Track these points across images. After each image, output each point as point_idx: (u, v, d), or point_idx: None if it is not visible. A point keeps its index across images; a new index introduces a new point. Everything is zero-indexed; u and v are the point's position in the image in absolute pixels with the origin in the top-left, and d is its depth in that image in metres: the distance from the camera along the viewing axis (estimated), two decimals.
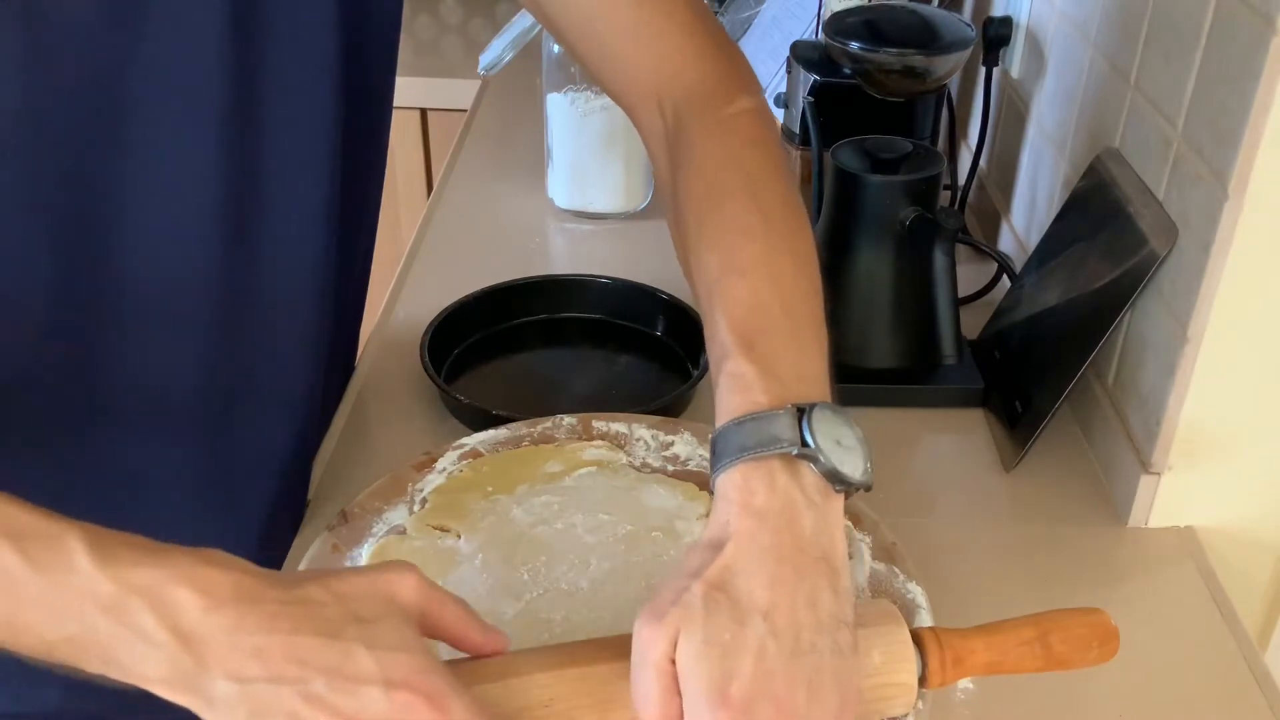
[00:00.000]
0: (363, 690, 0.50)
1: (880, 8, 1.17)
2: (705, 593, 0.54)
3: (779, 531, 0.55)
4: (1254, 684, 0.73)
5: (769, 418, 0.57)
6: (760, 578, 0.54)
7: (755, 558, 0.54)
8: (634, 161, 1.24)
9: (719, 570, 0.54)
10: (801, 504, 0.56)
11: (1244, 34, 0.71)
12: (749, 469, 0.56)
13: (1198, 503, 0.84)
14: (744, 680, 0.52)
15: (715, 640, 0.53)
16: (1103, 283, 0.87)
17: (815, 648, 0.54)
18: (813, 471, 0.57)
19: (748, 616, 0.53)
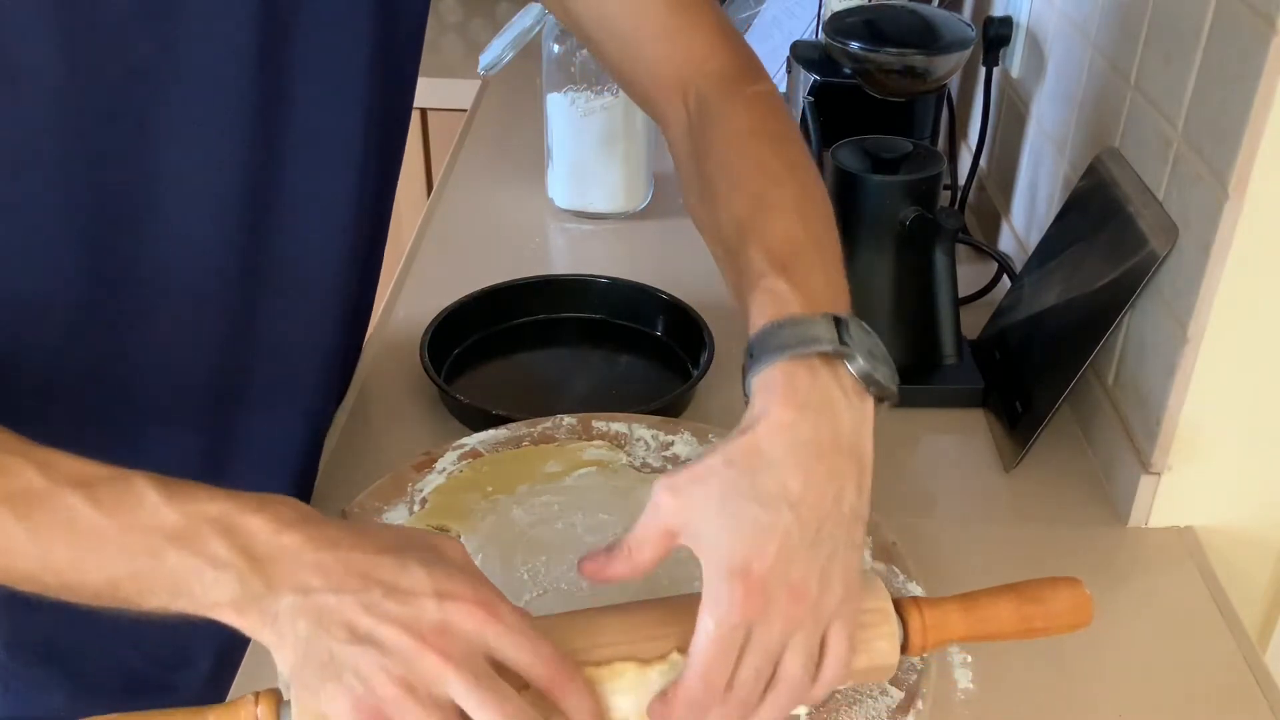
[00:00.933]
0: (417, 600, 0.53)
1: (880, 8, 1.17)
2: (726, 470, 0.55)
3: (819, 426, 0.57)
4: (1254, 684, 0.73)
5: (808, 321, 0.59)
6: (795, 470, 0.55)
7: (792, 449, 0.56)
8: (634, 161, 1.24)
9: (747, 453, 0.56)
10: (841, 401, 0.58)
11: (1244, 34, 0.71)
12: (791, 365, 0.57)
13: (1198, 503, 0.84)
14: (765, 561, 0.54)
15: (737, 517, 0.54)
16: (1103, 283, 0.87)
17: (833, 539, 0.56)
18: (849, 372, 0.58)
19: (776, 503, 0.55)
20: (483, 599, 0.54)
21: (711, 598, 0.54)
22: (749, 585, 0.54)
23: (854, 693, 0.65)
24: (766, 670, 0.56)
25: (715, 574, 0.54)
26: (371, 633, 0.52)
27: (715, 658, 0.54)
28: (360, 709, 0.52)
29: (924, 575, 0.74)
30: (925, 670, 0.67)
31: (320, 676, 0.52)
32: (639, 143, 1.24)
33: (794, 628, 0.55)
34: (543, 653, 0.54)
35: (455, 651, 0.52)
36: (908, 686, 0.66)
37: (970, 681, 0.72)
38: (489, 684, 0.52)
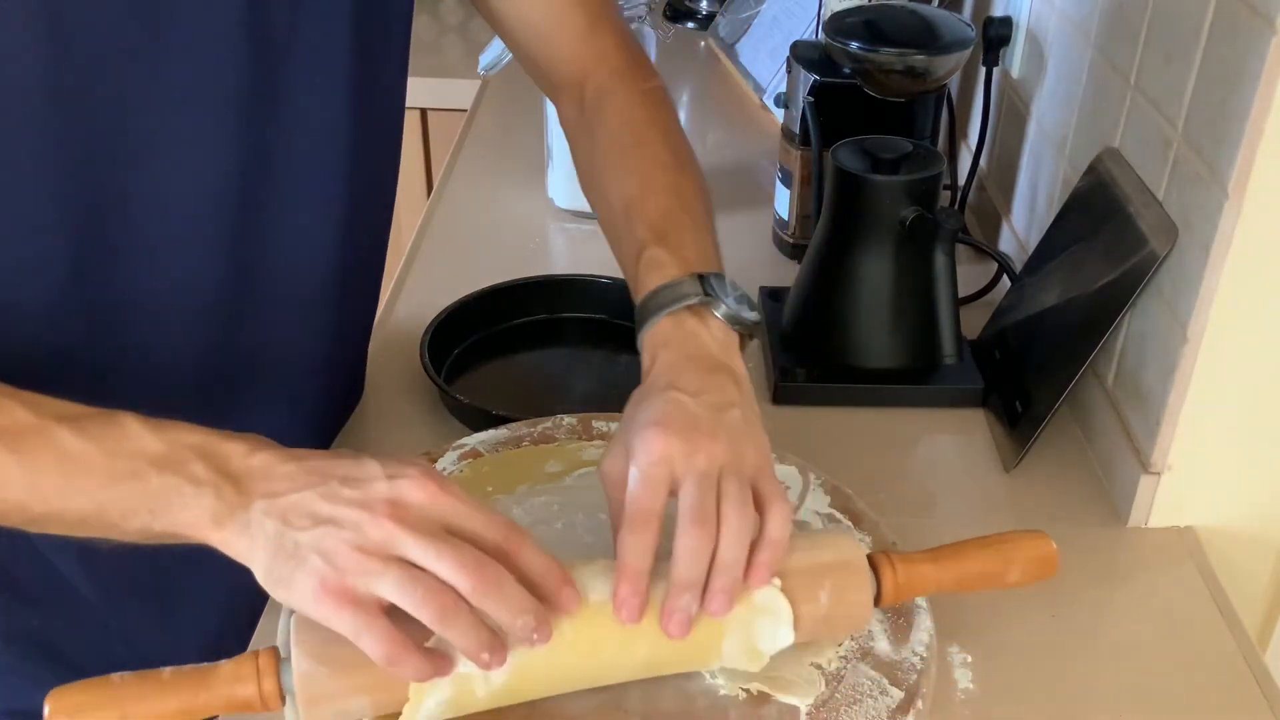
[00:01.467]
0: (370, 483, 0.58)
1: (880, 8, 1.17)
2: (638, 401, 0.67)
3: (693, 354, 0.69)
4: (1254, 684, 0.73)
5: (678, 283, 0.71)
6: (683, 376, 0.67)
7: (674, 371, 0.68)
8: None
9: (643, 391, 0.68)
10: (705, 335, 0.70)
11: (1244, 34, 0.71)
12: (667, 320, 0.70)
13: (1198, 503, 0.84)
14: (673, 418, 0.64)
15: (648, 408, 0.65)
16: (1103, 283, 0.87)
17: (732, 417, 0.66)
18: (715, 316, 0.71)
19: (673, 395, 0.66)
20: (429, 473, 0.59)
21: (634, 451, 0.63)
22: (663, 429, 0.63)
23: (854, 692, 0.66)
24: (710, 498, 0.62)
25: (636, 435, 0.64)
26: (330, 515, 0.57)
27: (643, 493, 0.62)
28: (325, 585, 0.56)
29: None
30: (925, 670, 0.67)
31: (289, 567, 0.57)
32: None
33: (714, 463, 0.63)
34: (493, 520, 0.59)
35: (408, 518, 0.57)
36: (908, 686, 0.66)
37: (970, 681, 0.72)
38: (442, 540, 0.57)
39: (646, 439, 0.63)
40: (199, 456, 0.59)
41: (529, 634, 0.58)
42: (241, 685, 0.58)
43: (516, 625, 0.58)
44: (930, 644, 0.69)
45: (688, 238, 0.74)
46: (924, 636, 0.69)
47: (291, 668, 0.58)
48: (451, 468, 0.81)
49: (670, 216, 0.76)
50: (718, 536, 0.61)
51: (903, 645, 0.69)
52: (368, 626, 0.56)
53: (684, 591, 0.60)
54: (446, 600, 0.56)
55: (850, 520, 0.78)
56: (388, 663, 0.56)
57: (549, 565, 0.60)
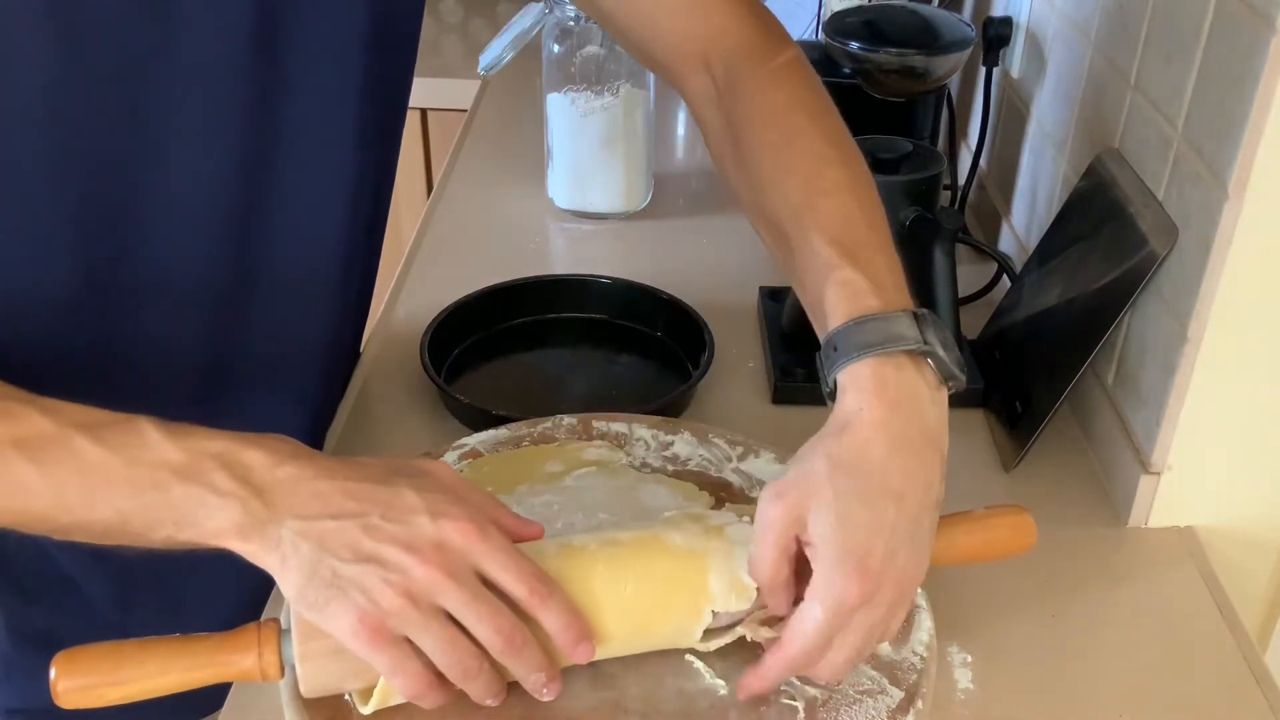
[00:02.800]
0: (413, 519, 0.58)
1: (880, 8, 1.17)
2: (832, 473, 0.60)
3: (909, 422, 0.61)
4: (1254, 684, 0.73)
5: (889, 318, 0.62)
6: (895, 465, 0.60)
7: (889, 446, 0.60)
8: (634, 161, 1.24)
9: (849, 452, 0.60)
10: (925, 396, 0.62)
11: (1244, 34, 0.71)
12: (878, 363, 0.61)
13: (1198, 503, 0.84)
14: (877, 555, 0.59)
15: (850, 517, 0.59)
16: (1103, 283, 0.87)
17: (921, 530, 0.61)
18: (930, 368, 0.63)
19: (881, 499, 0.59)
20: (473, 517, 0.59)
21: (824, 584, 0.59)
22: (863, 576, 0.59)
23: (854, 692, 0.65)
24: (864, 650, 0.61)
25: (830, 563, 0.59)
26: (374, 552, 0.57)
27: (818, 641, 0.60)
28: (365, 621, 0.56)
29: None
30: (925, 670, 0.67)
31: (325, 595, 0.57)
32: (639, 143, 1.24)
33: (894, 610, 0.61)
34: (525, 571, 0.59)
35: (450, 566, 0.57)
36: (908, 686, 0.66)
37: (970, 681, 0.72)
38: (483, 596, 0.58)
39: (843, 581, 0.58)
40: (221, 466, 0.58)
41: (540, 689, 0.61)
42: (242, 655, 0.60)
43: (529, 680, 0.61)
44: (930, 644, 0.69)
45: (879, 259, 0.66)
46: (924, 636, 0.69)
47: (292, 640, 0.60)
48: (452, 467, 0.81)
49: (852, 227, 0.67)
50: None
51: (903, 645, 0.69)
52: (403, 667, 0.58)
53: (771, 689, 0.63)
54: (470, 662, 0.58)
55: None
56: (413, 696, 0.59)
57: (570, 622, 0.60)
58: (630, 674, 0.66)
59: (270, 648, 0.60)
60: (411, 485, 0.59)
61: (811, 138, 0.72)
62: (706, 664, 0.67)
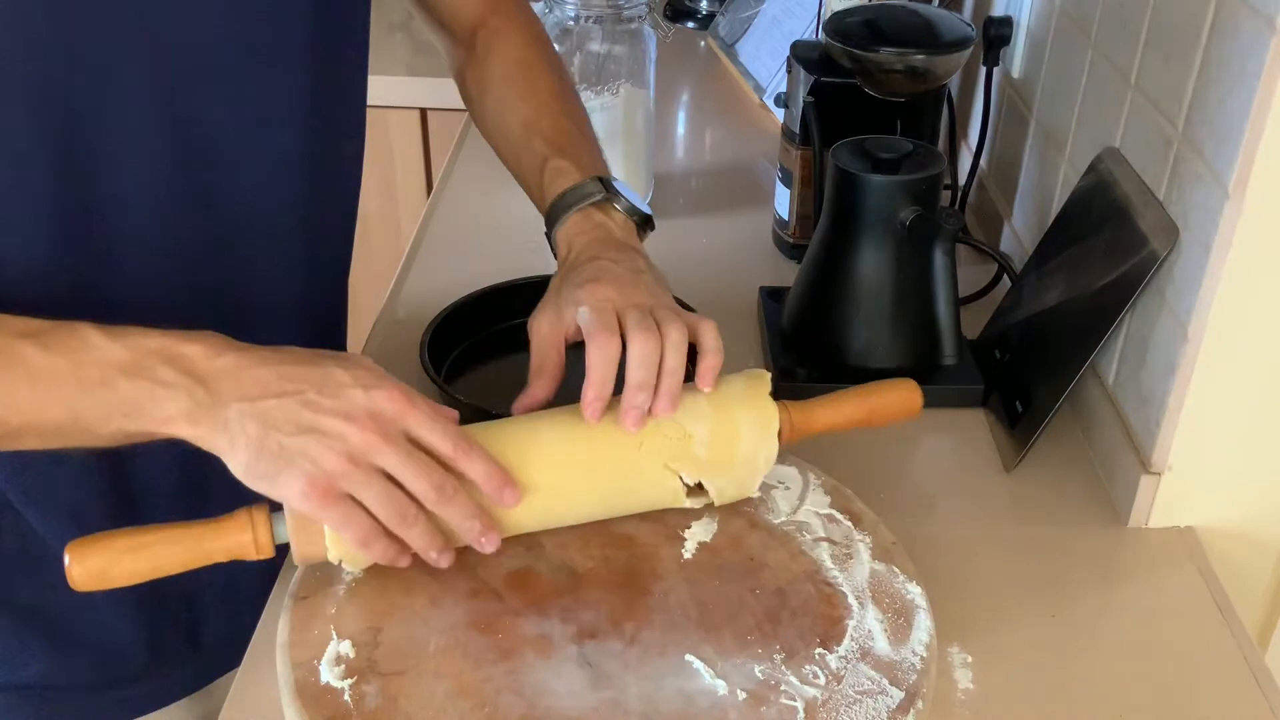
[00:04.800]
0: (346, 392, 0.65)
1: (880, 8, 1.17)
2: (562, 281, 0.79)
3: (602, 238, 0.81)
4: (1254, 684, 0.73)
5: (581, 185, 0.83)
6: (600, 253, 0.79)
7: (589, 248, 0.80)
8: (634, 161, 1.24)
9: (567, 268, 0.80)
10: (611, 225, 0.83)
11: (1244, 34, 0.71)
12: (576, 216, 0.82)
13: (1198, 503, 0.84)
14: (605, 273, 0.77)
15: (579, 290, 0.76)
16: (1103, 283, 0.87)
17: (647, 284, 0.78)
18: (617, 209, 0.83)
19: (594, 263, 0.78)
20: (399, 387, 0.66)
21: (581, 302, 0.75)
22: (601, 284, 0.75)
23: (854, 692, 0.66)
24: (649, 319, 0.73)
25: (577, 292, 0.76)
26: (314, 423, 0.64)
27: (600, 319, 0.73)
28: (314, 484, 0.63)
29: (924, 575, 0.74)
30: (925, 670, 0.67)
31: (275, 466, 0.63)
32: (639, 143, 1.24)
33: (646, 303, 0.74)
34: (449, 430, 0.67)
35: (383, 430, 0.65)
36: (908, 686, 0.66)
37: (970, 681, 0.72)
38: (414, 454, 0.66)
39: (589, 289, 0.75)
40: (163, 360, 0.63)
41: (477, 537, 0.69)
42: (238, 533, 0.67)
43: (465, 528, 0.69)
44: (930, 644, 0.69)
45: (583, 150, 0.87)
46: (924, 636, 0.69)
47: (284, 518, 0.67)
48: None
49: (566, 133, 0.88)
50: (662, 348, 0.72)
51: (903, 645, 0.69)
52: (350, 520, 0.65)
53: (639, 391, 0.72)
54: (408, 510, 0.66)
55: (850, 520, 0.78)
56: (361, 545, 0.66)
57: (492, 471, 0.68)
58: (630, 674, 0.66)
59: (263, 526, 0.67)
60: (340, 365, 0.66)
61: (549, 79, 0.93)
62: (706, 664, 0.67)
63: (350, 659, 0.66)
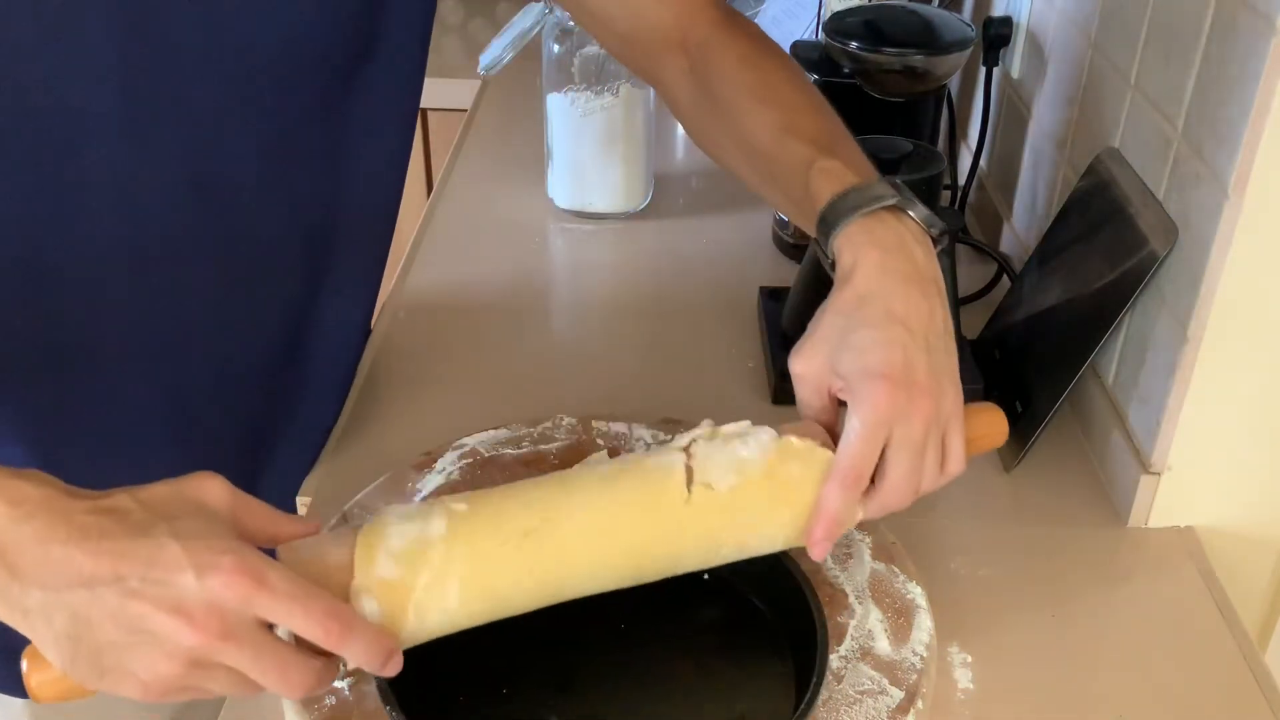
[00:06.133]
0: (176, 579, 0.51)
1: (880, 8, 1.17)
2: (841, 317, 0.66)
3: (900, 260, 0.67)
4: (1254, 684, 0.73)
5: (868, 185, 0.69)
6: (893, 296, 0.65)
7: (885, 281, 0.66)
8: (634, 161, 1.24)
9: (851, 298, 0.66)
10: (911, 241, 0.68)
11: (1244, 34, 0.71)
12: (865, 221, 0.67)
13: (1198, 503, 0.84)
14: (896, 365, 0.63)
15: (864, 342, 0.64)
16: (1103, 283, 0.87)
17: (937, 348, 0.65)
18: (911, 218, 0.69)
19: (887, 322, 0.64)
20: (243, 565, 0.52)
21: (859, 400, 0.63)
22: (890, 384, 0.62)
23: (854, 692, 0.65)
24: (916, 465, 0.64)
25: (859, 380, 0.63)
26: (139, 621, 0.51)
27: (862, 452, 0.63)
28: (149, 689, 0.53)
29: (924, 575, 0.74)
30: (925, 670, 0.67)
31: (98, 670, 0.53)
32: (639, 143, 1.24)
33: (928, 425, 0.63)
34: (313, 611, 0.54)
35: (226, 627, 0.52)
36: (908, 686, 0.66)
37: (970, 681, 0.72)
38: (266, 651, 0.53)
39: (873, 392, 0.63)
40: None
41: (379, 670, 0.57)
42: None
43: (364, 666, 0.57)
44: (930, 644, 0.69)
45: (854, 152, 0.73)
46: (924, 636, 0.69)
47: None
48: (451, 467, 0.81)
49: (830, 133, 0.75)
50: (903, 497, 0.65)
51: (903, 645, 0.69)
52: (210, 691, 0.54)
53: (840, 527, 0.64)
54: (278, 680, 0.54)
55: None
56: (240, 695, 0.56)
57: (372, 649, 0.56)
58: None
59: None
60: (173, 532, 0.53)
61: (784, 79, 0.79)
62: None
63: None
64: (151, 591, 0.51)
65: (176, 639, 0.51)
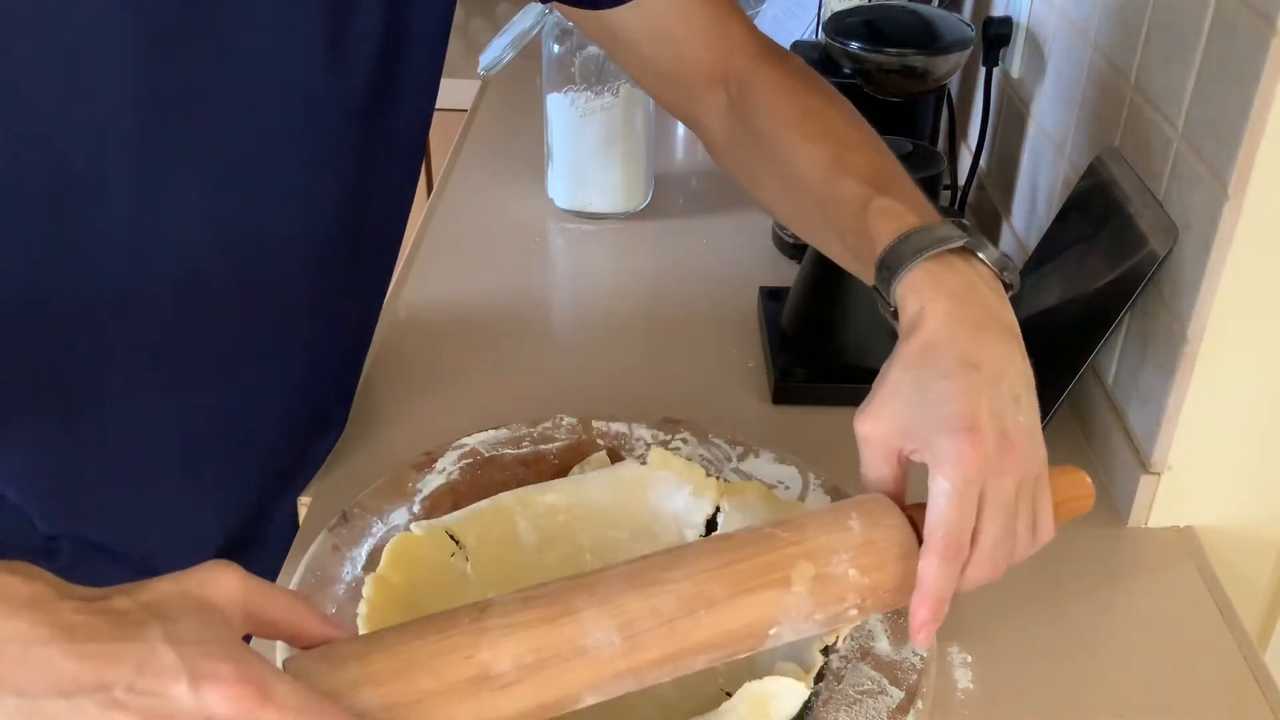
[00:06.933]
0: (168, 689, 0.45)
1: (880, 8, 1.17)
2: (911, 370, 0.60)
3: (972, 306, 0.61)
4: (1254, 684, 0.73)
5: (933, 226, 0.64)
6: (967, 343, 0.60)
7: (957, 328, 0.60)
8: (634, 161, 1.24)
9: (920, 350, 0.60)
10: (982, 285, 0.63)
11: (1244, 34, 0.71)
12: (930, 265, 0.62)
13: (1198, 503, 0.84)
14: (980, 415, 0.57)
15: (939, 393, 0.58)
16: (1103, 283, 0.87)
17: (1020, 400, 0.60)
18: (981, 260, 0.64)
19: (963, 370, 0.59)
20: (246, 675, 0.46)
21: (942, 459, 0.57)
22: (975, 437, 0.57)
23: (854, 692, 0.65)
24: (1010, 528, 0.58)
25: (939, 436, 0.57)
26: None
27: (958, 516, 0.57)
28: None
29: None
30: (925, 670, 0.67)
31: None
32: (639, 143, 1.24)
33: (1018, 481, 0.58)
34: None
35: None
36: (908, 686, 0.66)
37: (970, 681, 0.72)
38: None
39: (959, 447, 0.57)
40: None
41: None
42: None
43: None
44: (930, 644, 0.69)
45: (913, 190, 0.68)
46: None
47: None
48: (451, 467, 0.81)
49: (881, 172, 0.70)
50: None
51: (903, 645, 0.69)
52: None
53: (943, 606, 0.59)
54: None
55: None
56: None
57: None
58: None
59: None
60: (168, 636, 0.46)
61: (831, 112, 0.75)
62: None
63: None
64: (138, 703, 0.44)
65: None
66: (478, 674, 0.52)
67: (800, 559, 0.57)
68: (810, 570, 0.57)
